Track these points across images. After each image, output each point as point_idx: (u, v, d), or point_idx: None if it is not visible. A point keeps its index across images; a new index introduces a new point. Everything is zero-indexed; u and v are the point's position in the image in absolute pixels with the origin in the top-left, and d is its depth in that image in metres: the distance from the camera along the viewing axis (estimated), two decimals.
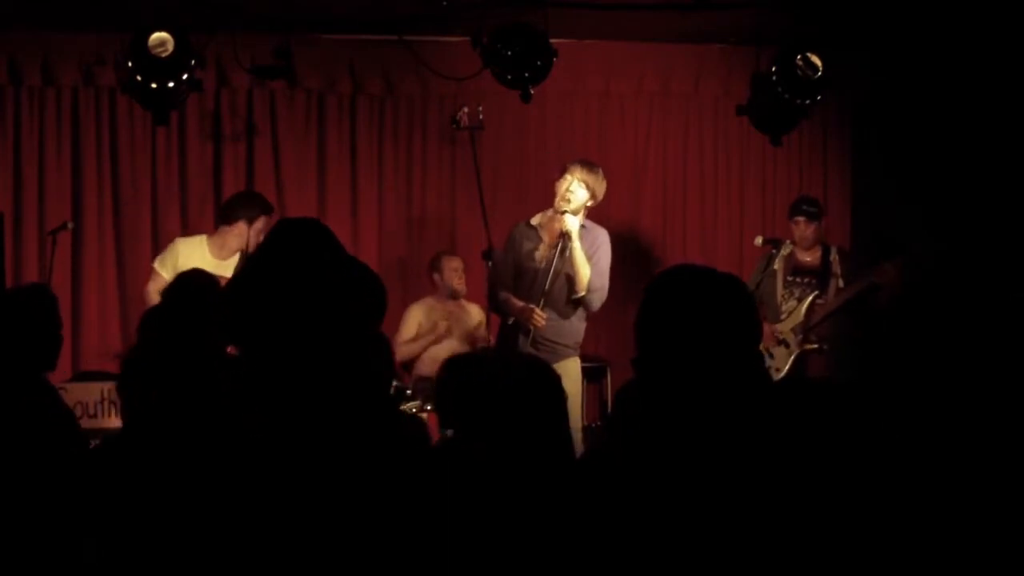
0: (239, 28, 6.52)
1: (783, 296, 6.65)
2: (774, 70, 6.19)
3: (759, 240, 6.73)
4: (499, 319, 5.97)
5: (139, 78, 5.83)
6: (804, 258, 6.70)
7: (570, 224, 5.63)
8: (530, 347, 5.52)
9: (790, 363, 6.53)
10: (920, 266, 6.33)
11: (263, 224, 6.14)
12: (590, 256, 5.67)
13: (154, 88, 5.86)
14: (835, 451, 2.21)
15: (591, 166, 5.76)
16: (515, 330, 5.70)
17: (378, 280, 2.05)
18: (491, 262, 5.81)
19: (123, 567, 2.37)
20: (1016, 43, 6.45)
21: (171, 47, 5.73)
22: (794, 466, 2.14)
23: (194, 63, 5.88)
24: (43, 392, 3.55)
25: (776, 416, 2.20)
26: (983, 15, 6.24)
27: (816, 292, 6.58)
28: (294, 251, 1.99)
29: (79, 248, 6.99)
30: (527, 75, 6.12)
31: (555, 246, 5.67)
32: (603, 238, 5.79)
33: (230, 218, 6.17)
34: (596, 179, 5.70)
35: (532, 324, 5.58)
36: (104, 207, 7.04)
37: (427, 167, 7.40)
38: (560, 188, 5.68)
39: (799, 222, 6.69)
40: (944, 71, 6.87)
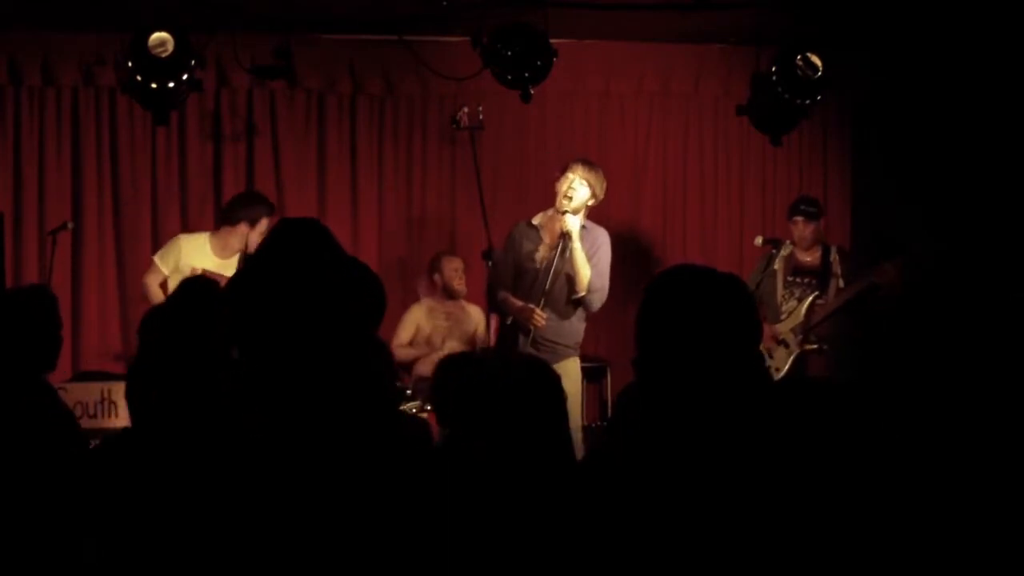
0: (239, 28, 6.52)
1: (783, 296, 6.65)
2: (774, 70, 6.19)
3: (759, 240, 6.73)
4: (498, 320, 5.97)
5: (139, 78, 5.83)
6: (804, 258, 6.70)
7: (571, 224, 5.62)
8: (530, 347, 5.51)
9: (790, 363, 6.52)
10: (920, 266, 6.33)
11: (266, 225, 6.14)
12: (590, 256, 5.66)
13: (154, 88, 5.86)
14: (835, 451, 2.21)
15: (591, 165, 5.75)
16: (514, 330, 5.70)
17: (378, 280, 2.05)
18: (491, 262, 5.80)
19: (123, 567, 2.37)
20: (1016, 43, 6.45)
21: (171, 47, 5.73)
22: (794, 466, 2.14)
23: (194, 63, 5.88)
24: (43, 392, 3.54)
25: (776, 416, 2.20)
26: (983, 15, 6.24)
27: (816, 292, 6.57)
28: (294, 251, 1.99)
29: (79, 248, 6.99)
30: (527, 75, 6.12)
31: (555, 246, 5.67)
32: (603, 239, 5.78)
33: (232, 219, 6.17)
34: (597, 178, 5.70)
35: (532, 324, 5.58)
36: (104, 207, 7.04)
37: (427, 167, 7.40)
38: (561, 187, 5.67)
39: (798, 222, 6.69)
40: (944, 71, 6.87)
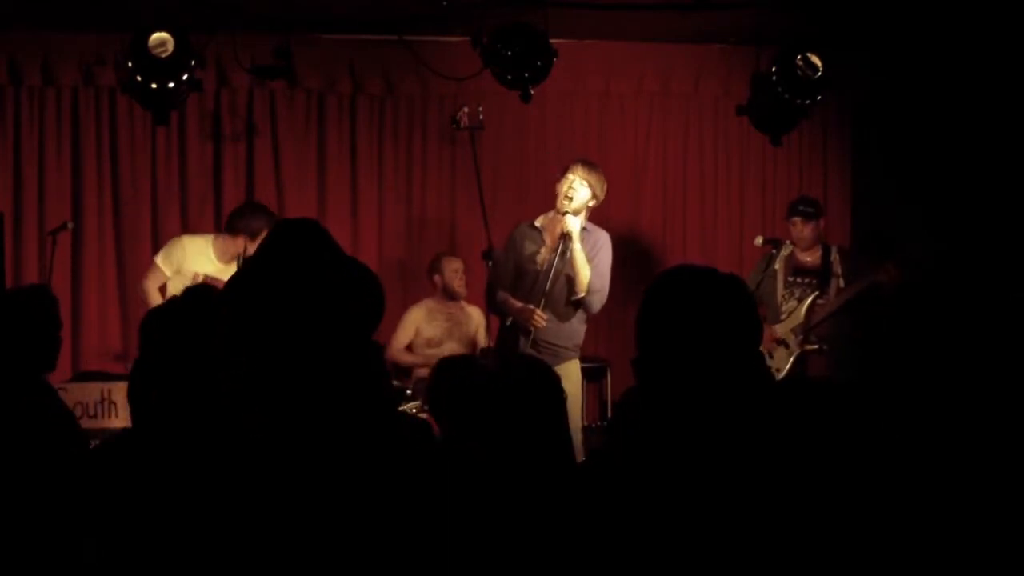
0: (239, 28, 6.53)
1: (783, 296, 6.65)
2: (774, 70, 6.19)
3: (759, 240, 6.73)
4: (498, 321, 5.97)
5: (139, 78, 5.83)
6: (804, 258, 6.69)
7: (571, 225, 5.62)
8: (530, 349, 5.51)
9: (790, 364, 6.53)
10: (920, 266, 6.33)
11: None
12: (591, 258, 5.65)
13: (154, 88, 5.86)
14: (836, 451, 2.21)
15: (592, 166, 5.75)
16: (514, 331, 5.69)
17: (377, 281, 2.05)
18: (491, 262, 5.80)
19: (123, 567, 2.37)
20: (1016, 43, 6.45)
21: (171, 47, 5.73)
22: (795, 466, 2.14)
23: (194, 63, 5.88)
24: (43, 392, 3.55)
25: (776, 416, 2.20)
26: (983, 15, 6.24)
27: (816, 292, 6.57)
28: (293, 251, 1.99)
29: (79, 248, 7.00)
30: (527, 75, 6.12)
31: (556, 247, 5.66)
32: (604, 240, 5.78)
33: (233, 230, 6.18)
34: (597, 179, 5.69)
35: (532, 325, 5.57)
36: (104, 207, 7.04)
37: (427, 167, 7.40)
38: (562, 188, 5.67)
39: (795, 223, 6.69)
40: (944, 71, 6.87)
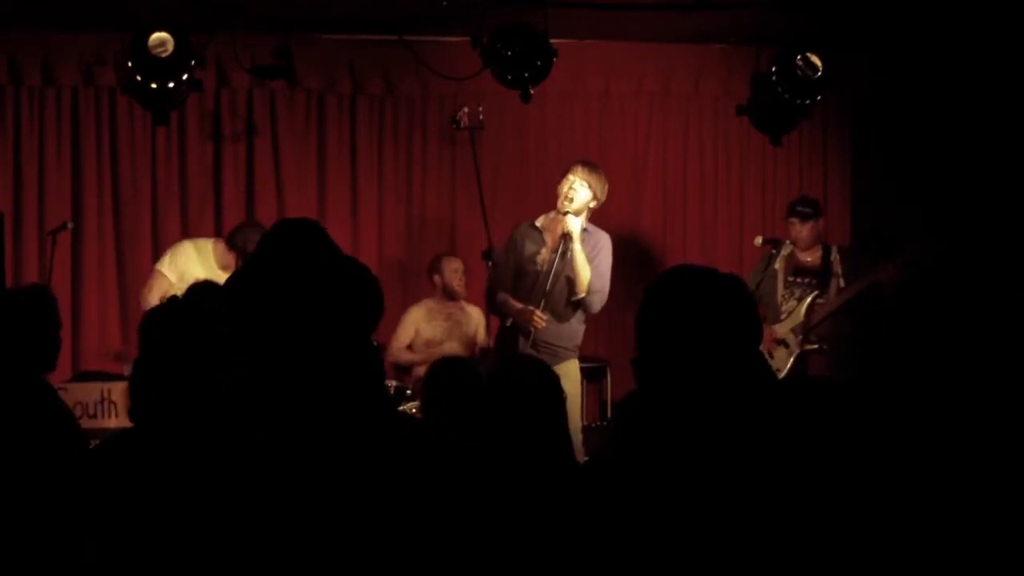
0: (239, 28, 6.53)
1: (783, 296, 6.64)
2: (774, 70, 6.19)
3: (759, 240, 6.73)
4: (498, 321, 5.96)
5: (139, 78, 5.83)
6: (805, 258, 6.69)
7: (571, 225, 5.61)
8: (530, 349, 5.51)
9: (790, 364, 6.52)
10: (920, 266, 6.33)
11: None
12: (591, 258, 5.65)
13: (154, 88, 5.86)
14: (836, 451, 2.21)
15: (593, 166, 5.75)
16: (514, 332, 5.68)
17: (376, 281, 2.05)
18: (491, 262, 5.80)
19: (123, 567, 2.37)
20: (1016, 43, 6.45)
21: (171, 47, 5.73)
22: (795, 466, 2.14)
23: (194, 63, 5.88)
24: (43, 392, 3.55)
25: (776, 416, 2.20)
26: (983, 15, 6.24)
27: (816, 292, 6.57)
28: (292, 251, 1.99)
29: (79, 248, 7.00)
30: (527, 75, 6.12)
31: (556, 248, 5.66)
32: (604, 241, 5.77)
33: (230, 244, 6.26)
34: (598, 179, 5.69)
35: (532, 326, 5.57)
36: (104, 207, 7.04)
37: (427, 167, 7.40)
38: (562, 189, 5.67)
39: (794, 223, 6.68)
40: (944, 71, 6.87)
